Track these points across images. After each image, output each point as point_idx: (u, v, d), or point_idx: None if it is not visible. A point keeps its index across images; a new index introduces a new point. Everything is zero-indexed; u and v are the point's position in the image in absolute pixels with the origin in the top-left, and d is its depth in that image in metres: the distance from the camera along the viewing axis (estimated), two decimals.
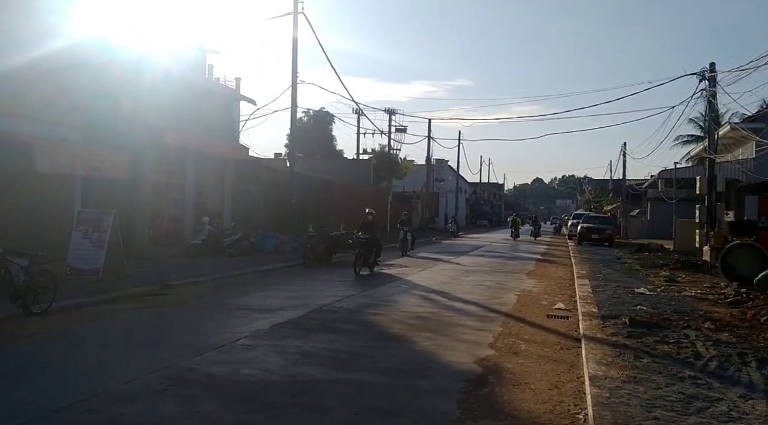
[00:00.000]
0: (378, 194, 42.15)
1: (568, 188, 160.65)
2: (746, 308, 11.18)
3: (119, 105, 17.27)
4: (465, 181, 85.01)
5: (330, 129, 53.87)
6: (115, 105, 17.15)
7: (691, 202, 33.65)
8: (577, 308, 11.00)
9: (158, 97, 19.98)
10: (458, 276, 16.31)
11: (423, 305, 11.10)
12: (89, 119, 16.62)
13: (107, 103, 16.97)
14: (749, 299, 12.05)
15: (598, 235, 33.36)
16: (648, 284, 15.00)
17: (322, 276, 15.56)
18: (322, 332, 8.33)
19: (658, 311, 10.50)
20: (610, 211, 54.59)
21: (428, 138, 52.58)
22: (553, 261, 23.34)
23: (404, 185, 58.64)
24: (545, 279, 16.59)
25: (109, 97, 16.99)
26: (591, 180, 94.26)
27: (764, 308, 10.78)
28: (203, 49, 29.63)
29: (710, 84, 19.04)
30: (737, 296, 12.41)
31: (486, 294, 12.87)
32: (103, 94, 16.89)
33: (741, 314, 10.61)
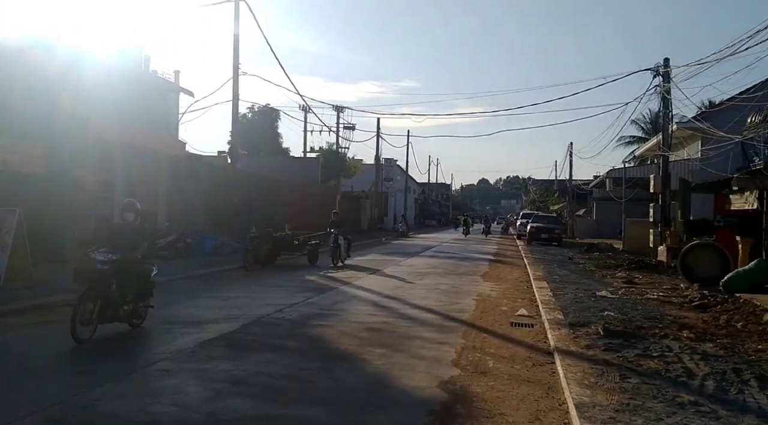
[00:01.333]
0: (326, 194, 40.85)
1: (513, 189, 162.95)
2: (716, 313, 10.56)
3: (33, 90, 15.46)
4: (414, 181, 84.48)
5: (276, 126, 52.28)
6: (29, 90, 15.34)
7: (638, 202, 33.81)
8: (541, 315, 10.14)
9: (84, 85, 18.24)
10: (411, 279, 15.30)
11: (375, 313, 10.00)
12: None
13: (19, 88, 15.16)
14: (716, 302, 11.46)
15: (548, 235, 33.11)
16: (607, 286, 14.35)
17: (264, 281, 14.27)
18: (258, 350, 7.11)
19: (627, 317, 9.73)
20: (556, 211, 54.87)
21: (377, 136, 51.62)
22: (505, 262, 22.65)
23: (353, 185, 57.46)
24: (502, 282, 15.76)
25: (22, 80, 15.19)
26: (535, 181, 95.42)
27: (736, 312, 10.17)
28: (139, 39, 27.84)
29: (664, 80, 18.66)
30: (703, 300, 11.81)
31: (443, 300, 11.89)
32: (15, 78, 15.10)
33: (713, 319, 9.95)
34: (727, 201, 17.29)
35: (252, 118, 50.35)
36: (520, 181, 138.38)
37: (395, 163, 70.33)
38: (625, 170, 32.34)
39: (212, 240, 21.26)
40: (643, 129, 51.44)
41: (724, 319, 9.83)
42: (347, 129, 49.45)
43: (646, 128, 50.79)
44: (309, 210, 34.77)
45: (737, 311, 10.38)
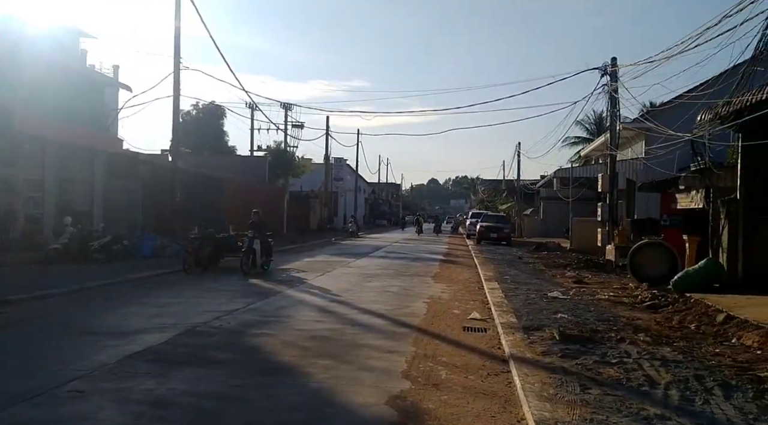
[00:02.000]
0: (273, 193, 39.91)
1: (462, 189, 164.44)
2: (668, 314, 10.43)
3: None
4: (364, 180, 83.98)
5: (221, 124, 50.69)
6: None
7: (585, 201, 34.24)
8: (494, 318, 9.78)
9: (10, 76, 17.03)
10: (360, 281, 14.77)
11: (321, 319, 9.42)
12: None
13: None
14: (668, 302, 11.36)
15: (497, 234, 33.19)
16: (558, 286, 14.19)
17: (204, 285, 13.50)
18: (188, 365, 6.44)
19: (581, 319, 9.47)
20: (504, 210, 55.35)
21: (326, 134, 50.98)
22: (456, 262, 22.40)
23: (302, 184, 56.43)
24: (453, 283, 15.41)
25: None
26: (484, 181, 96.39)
27: (688, 313, 10.04)
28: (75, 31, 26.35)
29: (611, 79, 18.71)
30: (654, 300, 11.71)
31: (393, 303, 11.41)
32: None
33: (666, 320, 9.80)
34: (673, 200, 17.45)
35: (197, 115, 48.69)
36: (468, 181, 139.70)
37: (345, 162, 69.67)
38: (572, 169, 32.69)
39: (151, 241, 20.23)
40: (587, 130, 52.42)
41: (677, 320, 9.68)
42: (296, 127, 48.63)
43: (591, 129, 51.77)
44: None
45: (689, 311, 10.26)
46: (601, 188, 19.85)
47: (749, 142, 10.59)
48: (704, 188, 14.59)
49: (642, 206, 23.00)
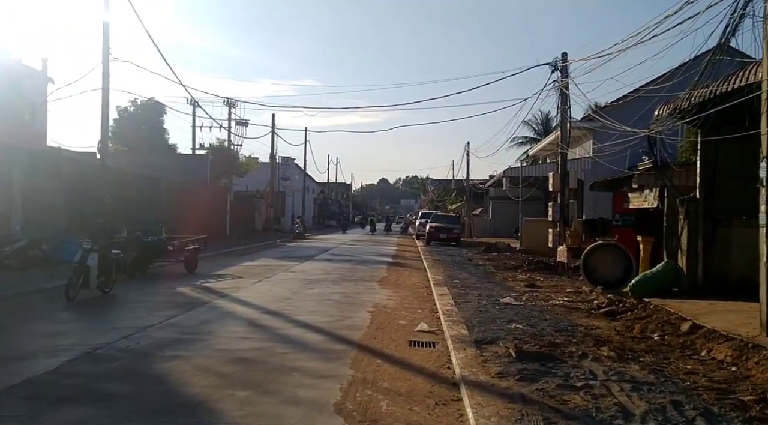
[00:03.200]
0: (216, 193, 38.24)
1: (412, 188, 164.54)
2: (628, 321, 9.74)
3: None
4: (313, 180, 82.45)
5: (161, 121, 48.64)
6: None
7: (534, 201, 33.98)
8: (444, 330, 8.88)
9: None
10: (301, 288, 13.67)
11: (249, 336, 8.28)
12: None
13: None
14: (626, 308, 10.70)
15: (446, 234, 32.53)
16: (510, 290, 13.44)
17: (123, 295, 12.16)
18: (70, 402, 5.24)
19: (537, 330, 8.66)
20: (454, 210, 54.97)
21: (272, 132, 49.48)
22: (405, 264, 21.51)
23: (248, 184, 54.67)
24: (400, 288, 14.49)
25: None
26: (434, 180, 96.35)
27: (649, 321, 9.36)
28: None
29: (562, 75, 18.14)
30: (611, 305, 11.04)
31: (333, 313, 10.37)
32: None
33: (626, 329, 9.09)
34: (626, 199, 17.00)
35: (135, 112, 46.58)
36: (419, 181, 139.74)
37: (293, 162, 68.09)
38: (521, 168, 32.30)
39: (75, 246, 18.53)
40: (535, 130, 52.56)
41: (638, 329, 8.99)
42: (240, 125, 46.98)
43: (538, 130, 51.95)
44: (196, 211, 32.19)
45: (650, 319, 9.59)
46: (552, 188, 19.29)
47: (711, 138, 9.99)
48: (658, 187, 14.11)
49: (591, 205, 22.67)
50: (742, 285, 10.86)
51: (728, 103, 8.07)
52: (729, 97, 8.55)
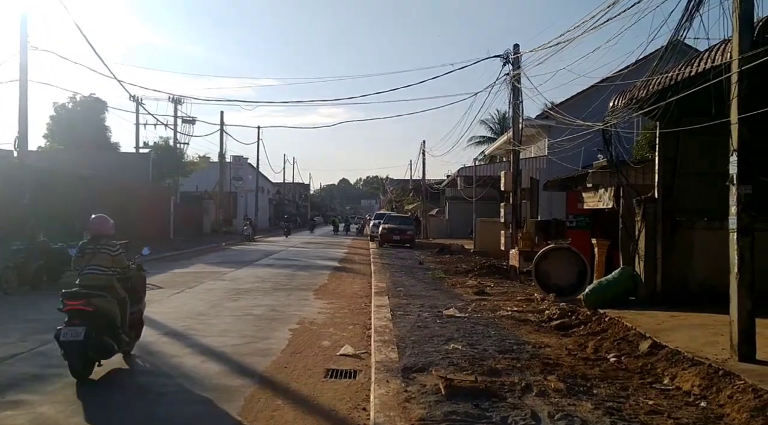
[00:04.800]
0: (158, 194, 36.27)
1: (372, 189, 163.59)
2: (581, 337, 8.66)
3: None
4: (268, 180, 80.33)
5: (103, 119, 46.17)
6: None
7: (490, 200, 33.12)
8: (372, 352, 7.62)
9: None
10: (223, 301, 12.22)
11: (130, 370, 6.84)
12: None
13: None
14: (579, 321, 9.64)
15: (400, 236, 31.37)
16: (457, 299, 12.30)
17: (10, 313, 10.53)
18: None
19: (478, 351, 7.48)
20: (411, 210, 53.94)
21: (221, 130, 47.61)
22: (350, 269, 20.21)
23: (198, 184, 52.53)
24: (337, 298, 13.18)
25: None
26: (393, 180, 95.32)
27: (604, 338, 8.27)
28: None
29: (514, 67, 17.13)
30: (563, 317, 9.96)
31: (248, 333, 8.99)
32: None
33: (579, 348, 7.99)
34: (580, 199, 16.08)
35: (74, 108, 44.02)
36: (379, 180, 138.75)
37: (246, 161, 66.03)
38: (475, 168, 31.37)
39: None
40: (492, 129, 51.97)
41: (592, 347, 7.89)
42: (187, 123, 45.03)
43: (495, 129, 51.35)
44: (136, 214, 30.26)
45: (605, 335, 8.52)
46: (504, 187, 18.28)
47: (671, 129, 8.97)
48: (614, 186, 13.14)
49: (546, 206, 21.80)
50: (704, 293, 9.94)
51: (692, 89, 7.00)
52: (692, 83, 7.50)
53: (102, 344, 6.39)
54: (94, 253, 6.88)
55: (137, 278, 7.86)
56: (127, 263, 7.35)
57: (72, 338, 6.11)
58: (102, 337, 6.39)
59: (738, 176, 6.29)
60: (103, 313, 6.53)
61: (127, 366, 7.00)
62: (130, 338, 7.18)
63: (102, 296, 6.61)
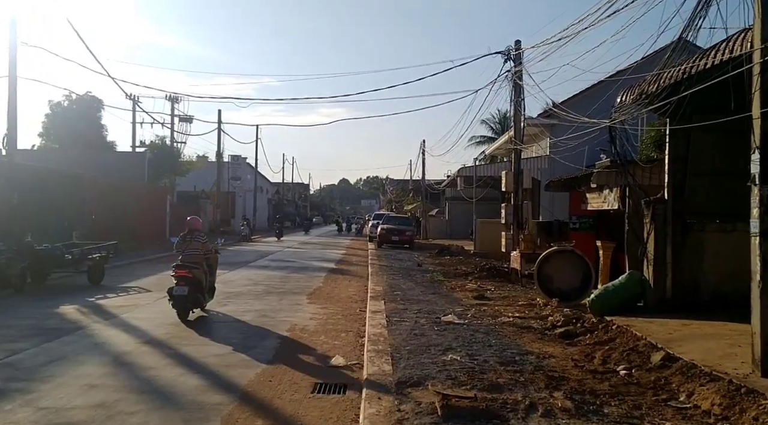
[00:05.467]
0: (154, 194, 35.75)
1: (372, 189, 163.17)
2: (587, 347, 8.15)
3: None
4: (267, 180, 79.81)
5: (99, 117, 45.66)
6: None
7: (490, 201, 32.59)
8: (364, 363, 7.12)
9: None
10: (211, 306, 11.65)
11: (100, 382, 6.27)
12: None
13: None
14: (584, 329, 9.13)
15: (398, 236, 30.86)
16: (456, 304, 11.80)
17: None
18: None
19: (478, 363, 6.98)
20: (410, 211, 53.42)
21: (218, 129, 46.96)
22: (347, 271, 19.69)
23: (196, 184, 52.04)
24: (331, 302, 12.66)
25: None
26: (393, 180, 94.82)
27: (612, 348, 7.76)
28: None
29: (515, 64, 16.61)
30: (567, 325, 9.46)
31: (234, 341, 8.48)
32: None
33: (586, 359, 7.48)
34: (584, 200, 15.56)
35: (69, 107, 43.51)
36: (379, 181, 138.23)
37: (244, 160, 65.49)
38: (476, 167, 30.85)
39: None
40: (492, 129, 51.45)
41: (599, 358, 7.38)
42: (184, 121, 44.51)
43: (496, 129, 50.83)
44: (131, 213, 29.77)
45: (613, 344, 8.02)
46: (505, 187, 17.76)
47: (684, 125, 8.44)
48: (620, 186, 12.63)
49: (547, 207, 21.28)
50: (716, 299, 9.43)
51: (707, 82, 6.49)
52: (707, 77, 6.99)
53: (195, 298, 10.08)
54: (190, 241, 10.54)
55: (213, 258, 11.34)
56: (210, 247, 11.14)
57: (179, 293, 9.78)
58: (196, 294, 10.04)
59: (761, 175, 5.78)
60: (197, 279, 10.09)
61: (206, 315, 10.55)
62: (209, 297, 10.82)
63: (196, 268, 10.16)
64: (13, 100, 20.35)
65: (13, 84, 20.06)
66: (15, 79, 20.10)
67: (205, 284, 10.36)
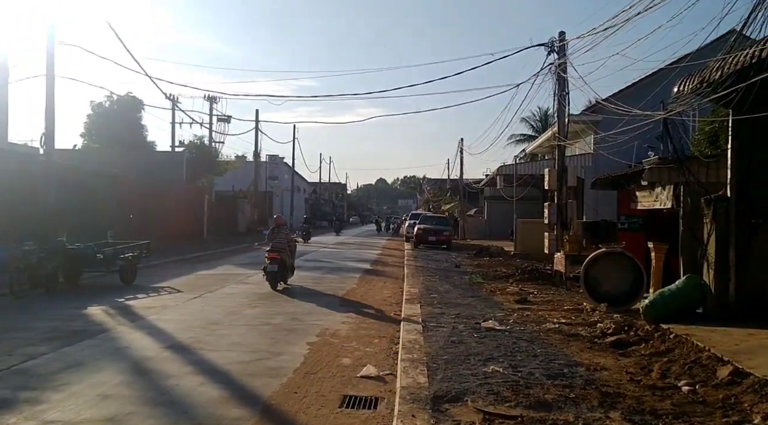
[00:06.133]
0: (192, 193, 35.84)
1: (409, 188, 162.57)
2: (643, 358, 7.43)
3: None
4: (304, 180, 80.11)
5: (139, 117, 46.24)
6: None
7: (530, 200, 31.68)
8: (397, 376, 6.57)
9: None
10: (240, 308, 11.31)
11: (114, 392, 5.86)
12: None
13: None
14: (638, 337, 8.39)
15: (436, 237, 30.19)
16: (497, 308, 11.15)
17: (13, 319, 9.80)
18: None
19: (522, 376, 6.35)
20: (448, 210, 52.64)
21: (256, 129, 47.02)
22: (382, 272, 19.16)
23: (234, 184, 52.31)
24: (364, 305, 12.15)
25: None
26: (430, 180, 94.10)
27: (671, 360, 7.02)
28: None
29: (559, 56, 15.81)
30: (619, 332, 8.73)
31: (261, 347, 8.02)
32: None
33: (642, 372, 6.77)
34: (633, 199, 14.66)
35: (110, 107, 44.14)
36: (416, 180, 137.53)
37: (281, 160, 65.69)
38: (516, 165, 29.97)
39: (1, 252, 16.20)
40: (533, 127, 50.33)
41: (657, 372, 6.67)
42: (222, 121, 44.72)
43: (537, 127, 49.70)
44: (168, 213, 29.88)
45: (672, 355, 7.28)
46: (548, 185, 16.94)
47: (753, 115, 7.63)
48: (673, 184, 11.77)
49: (592, 206, 20.37)
50: None
51: None
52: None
53: (283, 273, 13.88)
54: (278, 233, 14.57)
55: (293, 246, 15.12)
56: (291, 237, 15.45)
57: (272, 270, 13.50)
58: (283, 271, 13.81)
59: None
60: (283, 260, 13.81)
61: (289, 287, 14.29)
62: (291, 274, 14.58)
63: (282, 252, 13.91)
64: (50, 99, 20.41)
65: (50, 83, 20.11)
66: (52, 78, 20.13)
67: (288, 264, 14.14)
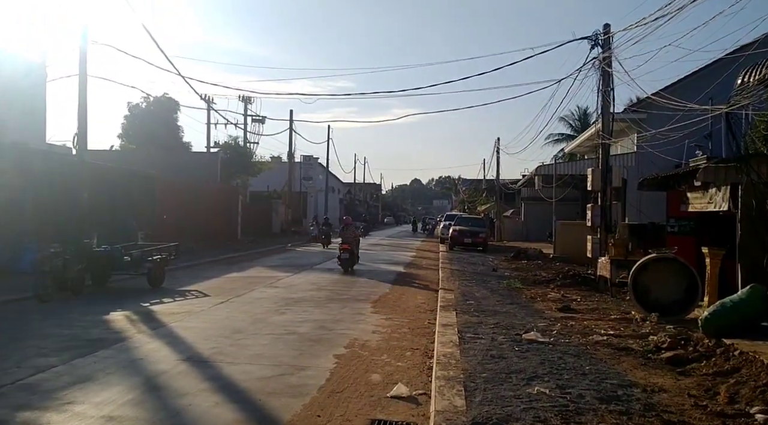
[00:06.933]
0: (225, 194, 35.75)
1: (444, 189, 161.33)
2: (705, 378, 6.66)
3: None
4: (338, 180, 79.93)
5: (175, 118, 46.52)
6: None
7: (570, 201, 30.61)
8: (431, 394, 5.95)
9: None
10: (268, 314, 10.82)
11: (117, 415, 5.41)
12: None
13: None
14: (697, 353, 7.60)
15: (471, 239, 29.42)
16: (538, 316, 10.44)
17: (28, 326, 9.48)
18: None
19: (572, 399, 5.68)
20: (483, 211, 51.65)
21: (290, 129, 46.92)
22: (416, 276, 18.53)
23: (269, 184, 52.28)
24: (397, 312, 11.54)
25: None
26: (465, 180, 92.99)
27: (739, 382, 6.24)
28: None
29: (604, 50, 14.95)
30: (675, 347, 7.95)
31: (284, 360, 7.48)
32: None
33: (706, 394, 6.03)
34: (684, 200, 13.71)
35: (147, 108, 44.50)
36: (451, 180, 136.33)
37: (316, 160, 65.56)
38: (555, 165, 28.96)
39: (32, 254, 16.09)
40: (572, 127, 49.02)
41: (725, 396, 5.91)
42: (256, 122, 44.68)
43: (575, 126, 48.37)
44: (201, 213, 29.79)
45: (739, 376, 6.49)
46: (591, 186, 16.06)
47: None
48: (729, 184, 10.85)
49: (636, 207, 19.38)
50: None
51: None
52: None
53: (352, 260, 18.78)
54: (346, 229, 19.68)
55: (358, 240, 20.05)
56: (357, 233, 20.79)
57: (345, 257, 18.55)
58: (353, 257, 18.78)
59: None
60: (353, 250, 18.84)
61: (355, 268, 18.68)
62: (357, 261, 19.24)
63: (352, 244, 18.90)
64: (83, 99, 20.29)
65: (83, 83, 19.97)
66: (85, 78, 19.99)
67: (356, 253, 19.00)
